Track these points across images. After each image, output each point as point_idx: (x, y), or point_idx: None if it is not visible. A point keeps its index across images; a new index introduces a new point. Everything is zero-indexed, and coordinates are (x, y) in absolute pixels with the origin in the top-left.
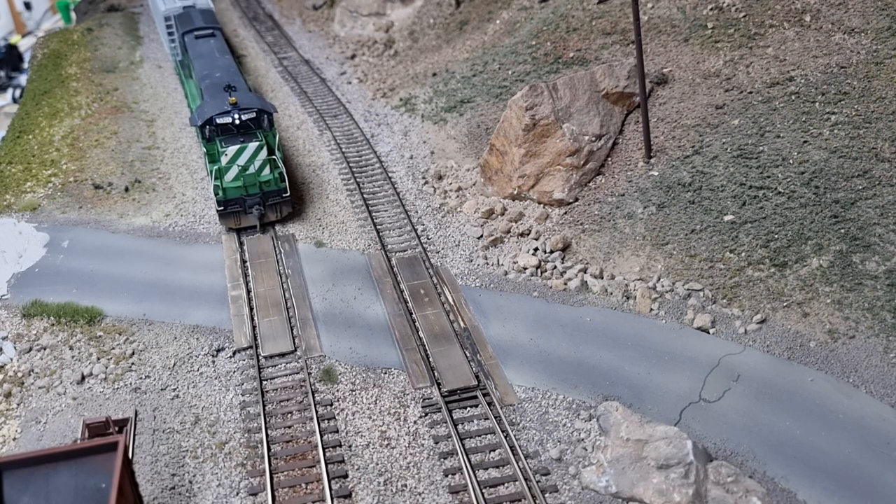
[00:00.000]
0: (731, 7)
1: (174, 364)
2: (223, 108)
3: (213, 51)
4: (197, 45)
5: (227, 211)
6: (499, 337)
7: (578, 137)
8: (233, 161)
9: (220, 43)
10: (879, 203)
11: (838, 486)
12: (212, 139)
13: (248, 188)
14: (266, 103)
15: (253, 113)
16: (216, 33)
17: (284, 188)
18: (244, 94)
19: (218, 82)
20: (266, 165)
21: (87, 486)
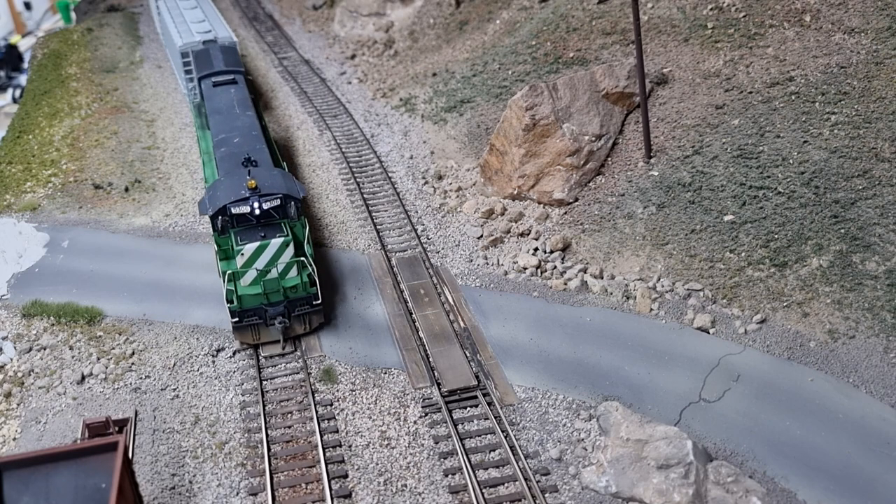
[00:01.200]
0: (731, 7)
1: (174, 364)
2: (240, 194)
3: (232, 103)
4: (215, 95)
5: (244, 324)
6: (499, 337)
7: (578, 137)
8: (251, 262)
9: (241, 92)
10: (879, 203)
11: (838, 486)
12: (225, 231)
13: (269, 296)
14: (294, 184)
15: (277, 200)
16: (238, 79)
17: (315, 294)
18: (267, 173)
19: (236, 151)
20: (292, 267)
21: (87, 486)
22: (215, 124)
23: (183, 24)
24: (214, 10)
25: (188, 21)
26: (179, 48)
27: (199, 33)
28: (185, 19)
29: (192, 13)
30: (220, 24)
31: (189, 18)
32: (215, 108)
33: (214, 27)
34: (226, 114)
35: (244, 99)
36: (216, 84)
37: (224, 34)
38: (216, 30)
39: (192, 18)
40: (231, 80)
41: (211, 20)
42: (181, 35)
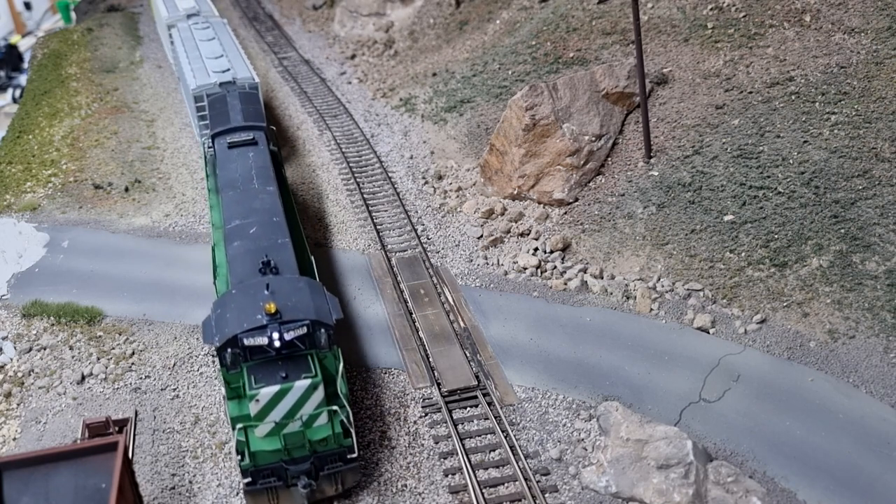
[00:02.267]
0: (731, 7)
1: (174, 364)
2: (255, 320)
3: (250, 174)
4: (230, 160)
5: (258, 487)
6: (499, 337)
7: (578, 137)
8: (267, 410)
9: (262, 157)
10: (879, 203)
11: (838, 486)
12: (236, 365)
13: (291, 451)
14: (324, 301)
15: (303, 328)
16: (259, 138)
17: (350, 446)
18: (291, 286)
19: (253, 248)
20: (321, 413)
21: (87, 486)
22: (229, 205)
23: (198, 61)
24: (234, 43)
25: (204, 56)
26: (193, 91)
27: (215, 72)
28: (200, 53)
29: (208, 46)
30: (240, 62)
31: (205, 52)
32: (229, 179)
33: (234, 65)
34: (242, 189)
35: (265, 167)
36: (232, 145)
37: (244, 74)
38: (235, 68)
39: (208, 52)
40: (250, 139)
41: (230, 55)
42: (195, 74)
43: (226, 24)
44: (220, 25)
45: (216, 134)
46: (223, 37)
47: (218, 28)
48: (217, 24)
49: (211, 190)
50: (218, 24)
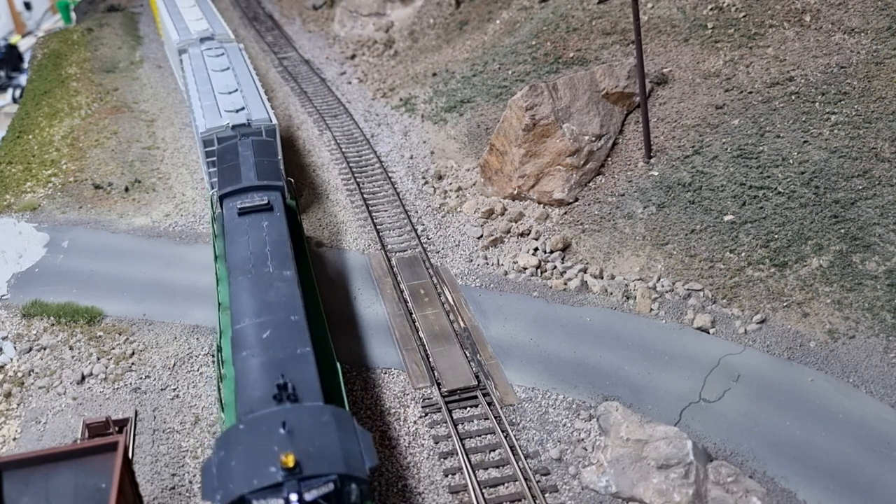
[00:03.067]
0: (731, 7)
1: (174, 364)
2: (268, 475)
3: (264, 252)
4: (240, 231)
5: None
6: (499, 337)
7: (578, 137)
8: None
9: (278, 228)
10: (879, 203)
11: (838, 486)
12: None
13: None
14: (354, 441)
15: (330, 484)
16: (275, 201)
17: None
18: (313, 421)
19: (266, 362)
20: None
21: (87, 486)
22: (238, 295)
23: (209, 96)
24: (250, 73)
25: (216, 90)
26: (202, 134)
27: (228, 112)
28: (212, 87)
29: (222, 78)
30: (256, 98)
31: (218, 86)
32: (240, 259)
33: (249, 102)
34: (254, 274)
35: (281, 241)
36: (244, 211)
37: (260, 115)
38: (251, 107)
39: (221, 86)
40: (265, 205)
41: (245, 90)
42: (205, 113)
43: (242, 50)
44: (236, 52)
45: (225, 195)
46: (238, 66)
47: (233, 55)
48: (232, 50)
49: (218, 257)
50: (233, 49)
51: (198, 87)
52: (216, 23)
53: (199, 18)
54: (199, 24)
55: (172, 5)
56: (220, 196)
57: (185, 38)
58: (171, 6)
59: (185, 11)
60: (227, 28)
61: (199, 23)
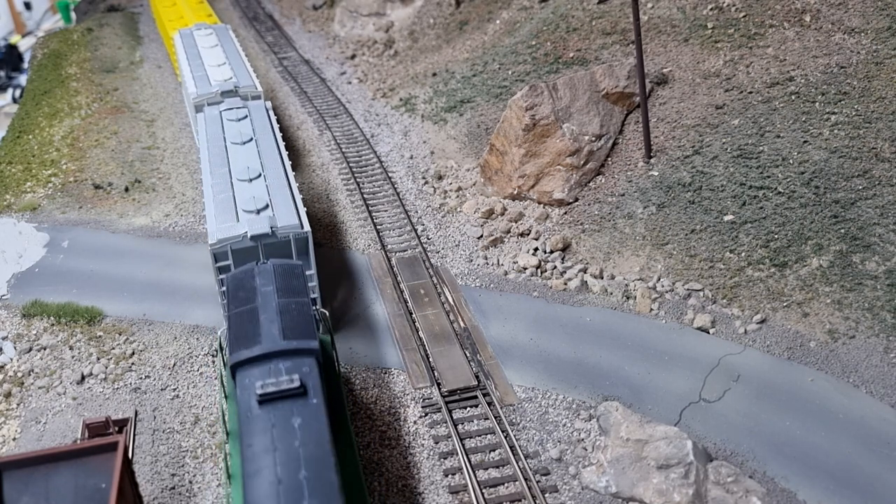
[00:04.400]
0: (731, 7)
1: (174, 364)
2: None
3: (298, 481)
4: (260, 428)
5: None
6: (499, 337)
7: (578, 137)
8: None
9: (318, 432)
10: (879, 203)
11: (838, 486)
12: None
13: None
14: None
15: None
16: (309, 382)
17: None
18: None
19: None
20: None
21: (87, 486)
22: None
23: (224, 185)
24: (278, 153)
25: (234, 175)
26: (212, 247)
27: (247, 213)
28: (229, 170)
29: (243, 156)
30: (284, 191)
31: (237, 168)
32: (262, 494)
33: (274, 199)
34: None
35: (323, 457)
36: (265, 398)
37: (289, 220)
38: (277, 206)
39: (241, 168)
40: (296, 389)
41: (270, 176)
42: (217, 215)
43: (269, 111)
44: (262, 113)
45: (238, 364)
46: (264, 138)
47: (258, 119)
48: (257, 112)
49: (231, 433)
50: (259, 110)
51: (212, 169)
52: (241, 70)
53: (222, 63)
54: (220, 72)
55: (191, 45)
56: (232, 366)
57: (202, 91)
58: (189, 46)
59: (206, 54)
60: (253, 77)
61: (222, 70)
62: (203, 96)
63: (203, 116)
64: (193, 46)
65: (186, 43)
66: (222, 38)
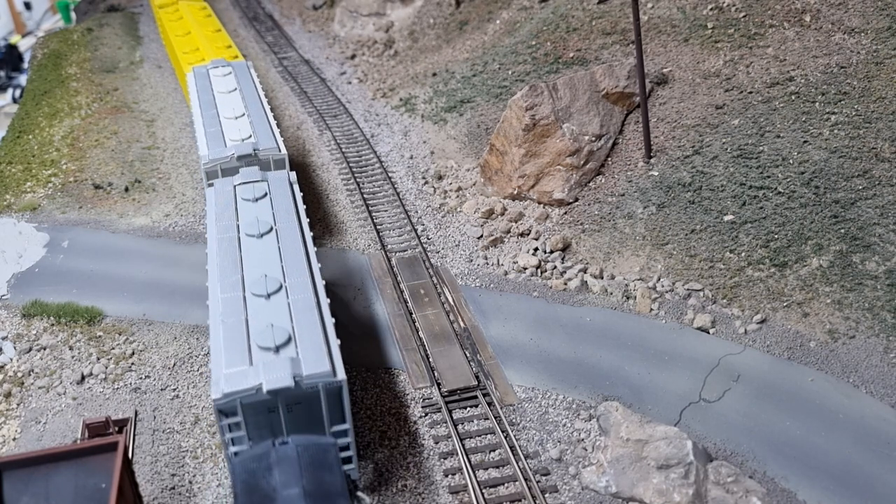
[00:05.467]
0: (731, 7)
1: (174, 364)
2: None
3: None
4: None
5: None
6: (499, 337)
7: (578, 137)
8: None
9: None
10: (879, 203)
11: (838, 486)
12: None
13: None
14: None
15: None
16: None
17: None
18: None
19: None
20: None
21: (87, 486)
22: None
23: (234, 304)
24: (303, 249)
25: (249, 286)
26: (217, 403)
27: (263, 351)
28: (241, 276)
29: (261, 251)
30: (308, 315)
31: (253, 268)
32: None
33: (298, 330)
34: None
35: None
36: None
37: (318, 366)
38: (301, 342)
39: (256, 268)
40: None
41: (293, 280)
42: (226, 349)
43: (294, 185)
44: (285, 189)
45: None
46: (286, 227)
47: (280, 198)
48: (279, 187)
49: None
50: (281, 184)
51: (220, 276)
52: (262, 125)
53: (240, 115)
54: (238, 127)
55: (205, 88)
56: None
57: (215, 155)
58: (203, 90)
59: (222, 101)
60: (276, 134)
61: (239, 125)
62: (215, 162)
63: (213, 193)
64: (208, 90)
65: (200, 85)
66: (241, 80)
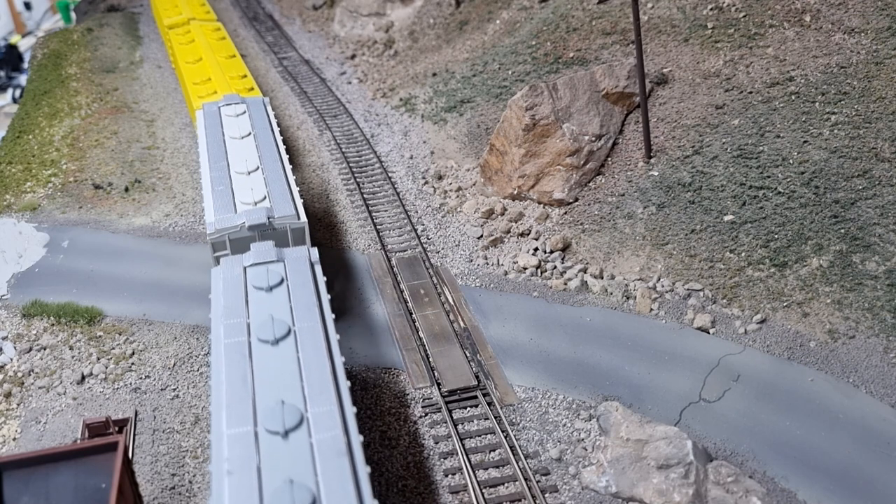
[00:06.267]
0: (731, 7)
1: (174, 364)
2: None
3: None
4: None
5: None
6: (499, 337)
7: (578, 137)
8: None
9: None
10: (879, 203)
11: (838, 486)
12: None
13: None
14: None
15: None
16: None
17: None
18: None
19: None
20: None
21: (87, 486)
22: None
23: (246, 439)
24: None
25: (262, 420)
26: None
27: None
28: (252, 394)
29: (273, 369)
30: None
31: (266, 404)
32: None
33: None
34: None
35: None
36: None
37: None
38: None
39: (274, 409)
40: None
41: (317, 431)
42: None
43: (316, 264)
44: (305, 273)
45: None
46: (308, 329)
47: (300, 288)
48: (298, 268)
49: None
50: (299, 265)
51: (227, 395)
52: (278, 183)
53: (254, 170)
54: (251, 188)
55: (215, 132)
56: None
57: (223, 224)
58: (213, 134)
59: (234, 149)
60: (295, 199)
61: (253, 183)
62: (223, 232)
63: (220, 278)
64: (218, 134)
65: (210, 127)
66: (257, 122)
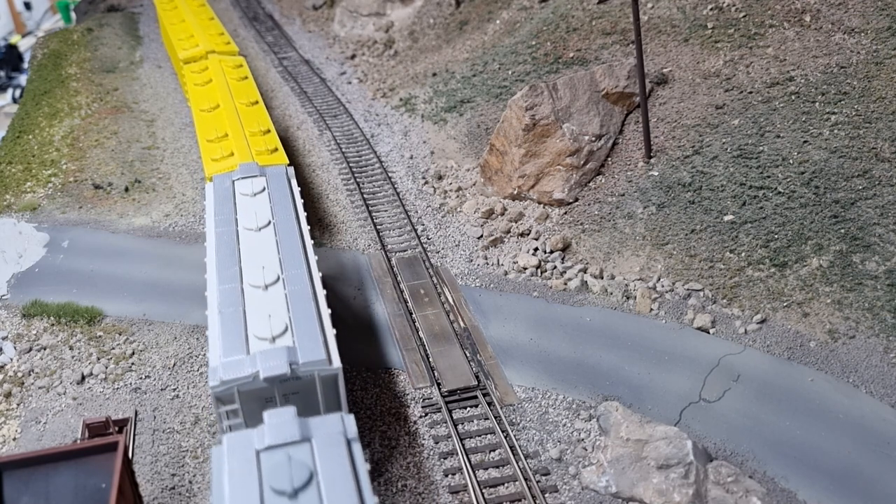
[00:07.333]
0: (731, 7)
1: (174, 364)
2: None
3: None
4: None
5: None
6: (499, 337)
7: (578, 137)
8: None
9: None
10: (879, 203)
11: (838, 486)
12: None
13: None
14: None
15: None
16: None
17: None
18: None
19: None
20: None
21: (87, 486)
22: None
23: None
24: None
25: None
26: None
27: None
28: None
29: None
30: None
31: None
32: None
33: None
34: None
35: None
36: None
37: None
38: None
39: None
40: None
41: None
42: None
43: (354, 444)
44: (343, 463)
45: None
46: None
47: (330, 472)
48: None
49: None
50: (334, 451)
51: None
52: (304, 306)
53: (273, 283)
54: (269, 313)
55: (226, 220)
56: None
57: (230, 372)
58: (224, 224)
59: (249, 250)
60: (326, 331)
61: (272, 305)
62: (231, 384)
63: (224, 452)
64: (230, 223)
65: (220, 213)
66: (278, 205)
